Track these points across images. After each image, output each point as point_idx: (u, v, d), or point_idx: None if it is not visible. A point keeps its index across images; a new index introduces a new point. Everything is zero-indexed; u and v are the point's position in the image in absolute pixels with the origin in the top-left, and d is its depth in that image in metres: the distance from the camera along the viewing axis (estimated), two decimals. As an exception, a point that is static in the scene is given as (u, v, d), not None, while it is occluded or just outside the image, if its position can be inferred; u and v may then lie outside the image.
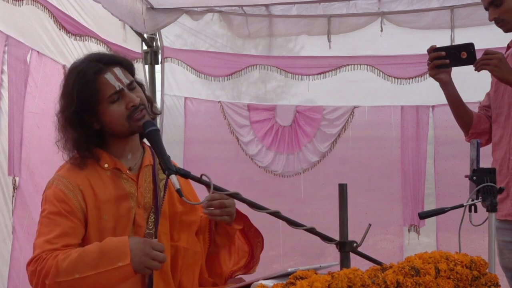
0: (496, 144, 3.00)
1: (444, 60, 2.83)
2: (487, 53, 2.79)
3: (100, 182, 2.13)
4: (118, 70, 2.14)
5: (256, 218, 2.29)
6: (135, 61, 4.53)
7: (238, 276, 2.35)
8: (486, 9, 2.92)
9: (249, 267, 2.39)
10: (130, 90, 2.14)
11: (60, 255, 1.97)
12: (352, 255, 1.85)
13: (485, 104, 3.11)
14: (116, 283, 1.96)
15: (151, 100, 2.29)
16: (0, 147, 3.37)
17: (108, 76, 2.11)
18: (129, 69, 2.21)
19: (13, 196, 3.42)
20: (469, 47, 2.79)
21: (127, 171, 2.18)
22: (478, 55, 2.80)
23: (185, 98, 4.98)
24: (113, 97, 2.11)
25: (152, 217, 2.18)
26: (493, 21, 2.92)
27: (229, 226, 2.23)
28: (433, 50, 2.85)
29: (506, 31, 2.93)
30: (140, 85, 2.24)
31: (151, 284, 2.11)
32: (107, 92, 2.10)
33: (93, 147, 2.15)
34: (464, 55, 2.80)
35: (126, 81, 2.14)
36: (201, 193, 2.28)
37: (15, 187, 3.43)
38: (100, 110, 2.12)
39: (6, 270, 3.39)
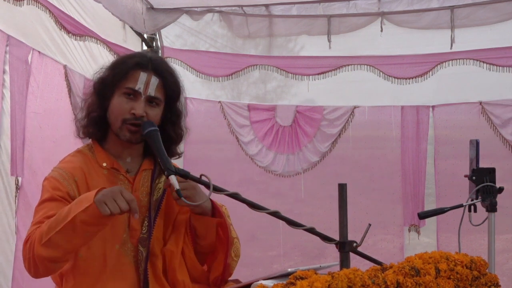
0: None
1: None
2: None
3: (96, 179, 2.11)
4: (155, 80, 2.11)
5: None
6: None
7: (234, 278, 2.34)
8: None
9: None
10: (147, 102, 2.11)
11: (43, 225, 1.93)
12: (352, 255, 1.85)
13: None
14: (88, 230, 1.90)
15: (182, 136, 2.26)
16: (3, 147, 3.38)
17: (141, 75, 2.10)
18: (169, 91, 2.17)
19: (16, 196, 3.42)
20: None
21: (125, 173, 2.16)
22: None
23: (185, 98, 4.93)
24: (127, 90, 2.09)
25: (146, 222, 2.14)
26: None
27: (206, 218, 2.15)
28: None
29: None
30: (177, 118, 2.24)
31: (147, 287, 2.10)
32: (128, 83, 2.09)
33: (101, 123, 2.14)
34: None
35: (151, 92, 2.10)
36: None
37: (17, 187, 3.43)
38: (114, 93, 2.11)
39: (10, 270, 3.38)
